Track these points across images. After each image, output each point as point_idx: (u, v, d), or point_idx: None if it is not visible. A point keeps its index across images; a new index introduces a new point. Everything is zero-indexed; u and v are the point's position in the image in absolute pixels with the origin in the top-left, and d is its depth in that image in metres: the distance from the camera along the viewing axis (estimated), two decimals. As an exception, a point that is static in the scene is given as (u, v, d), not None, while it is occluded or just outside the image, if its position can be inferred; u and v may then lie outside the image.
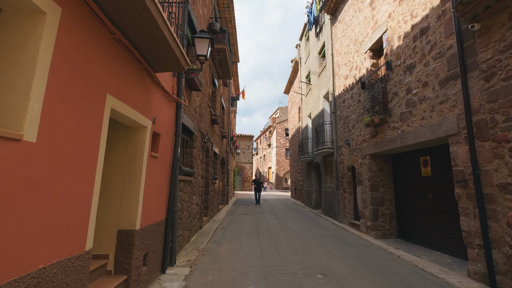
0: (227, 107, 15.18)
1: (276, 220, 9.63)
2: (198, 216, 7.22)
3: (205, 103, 8.21)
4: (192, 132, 6.37)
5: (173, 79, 4.46)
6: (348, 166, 8.38)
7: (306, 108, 14.43)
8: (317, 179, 12.89)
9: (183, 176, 5.53)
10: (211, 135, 9.51)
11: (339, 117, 9.18)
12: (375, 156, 6.91)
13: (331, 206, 9.84)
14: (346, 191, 8.50)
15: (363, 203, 7.24)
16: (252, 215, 10.88)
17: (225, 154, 13.86)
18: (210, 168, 9.09)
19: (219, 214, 10.68)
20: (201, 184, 7.61)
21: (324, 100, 11.02)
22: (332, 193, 9.73)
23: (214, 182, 10.05)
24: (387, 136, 6.12)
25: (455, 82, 4.21)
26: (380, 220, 6.66)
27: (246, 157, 28.23)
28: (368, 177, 6.94)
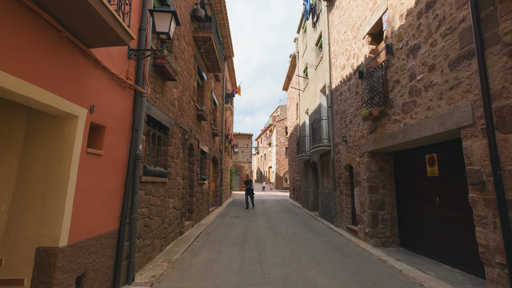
0: (221, 104, 14.47)
1: (268, 224, 8.89)
2: (177, 221, 6.51)
3: (188, 96, 7.50)
4: (167, 127, 5.66)
5: (128, 62, 3.74)
6: (346, 165, 7.60)
7: (304, 104, 13.65)
8: (315, 179, 12.12)
9: (152, 177, 4.82)
10: (198, 132, 8.81)
11: (336, 112, 8.41)
12: (374, 154, 6.13)
13: (328, 209, 9.07)
14: (344, 192, 7.73)
15: (361, 207, 6.47)
16: (244, 218, 10.16)
17: (217, 153, 13.15)
18: (196, 167, 8.38)
19: (208, 217, 9.97)
20: (182, 186, 6.91)
21: (321, 94, 10.25)
22: (329, 194, 8.97)
23: (201, 183, 9.34)
24: (387, 130, 5.35)
25: (469, 61, 3.43)
26: (380, 226, 5.88)
27: (245, 156, 27.49)
28: (366, 177, 6.17)
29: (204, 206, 9.85)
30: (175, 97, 6.25)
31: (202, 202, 9.52)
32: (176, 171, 6.34)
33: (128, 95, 3.74)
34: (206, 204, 10.32)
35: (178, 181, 6.56)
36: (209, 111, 10.75)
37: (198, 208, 8.81)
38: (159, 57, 4.91)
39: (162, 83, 5.37)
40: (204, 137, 9.78)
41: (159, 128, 5.53)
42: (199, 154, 8.84)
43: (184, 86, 7.08)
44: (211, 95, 11.11)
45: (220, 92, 14.29)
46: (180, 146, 6.70)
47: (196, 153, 8.39)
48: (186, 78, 7.29)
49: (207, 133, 10.51)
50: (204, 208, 9.87)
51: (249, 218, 10.13)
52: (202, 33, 7.95)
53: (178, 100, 6.50)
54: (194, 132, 8.17)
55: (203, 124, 9.63)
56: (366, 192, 6.15)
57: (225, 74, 15.25)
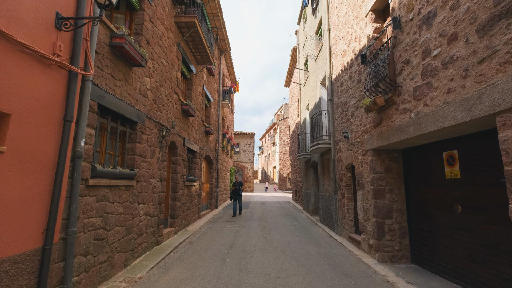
0: (217, 100, 13.65)
1: (262, 230, 8.00)
2: (152, 229, 5.70)
3: (169, 88, 6.69)
4: (134, 121, 4.85)
5: (58, 34, 2.92)
6: (347, 165, 6.66)
7: (304, 100, 12.71)
8: (315, 181, 11.17)
9: (108, 180, 4.01)
10: (184, 129, 7.99)
11: (337, 105, 7.46)
12: (379, 151, 5.18)
13: (329, 214, 8.13)
14: (345, 196, 6.79)
15: (364, 214, 5.53)
16: (237, 223, 9.30)
17: (212, 152, 12.33)
18: (180, 168, 7.57)
19: (198, 222, 9.14)
20: (160, 189, 6.09)
21: (321, 86, 9.31)
22: (330, 198, 8.02)
23: (189, 185, 8.53)
24: (395, 122, 4.40)
25: (509, 20, 2.48)
26: (387, 238, 4.93)
27: (247, 156, 26.64)
28: (370, 179, 5.23)
29: (193, 210, 9.03)
30: (147, 87, 5.44)
31: (190, 205, 8.70)
32: (149, 172, 5.53)
33: (57, 77, 2.92)
34: (197, 208, 9.50)
35: (153, 183, 5.75)
36: (200, 107, 9.94)
37: (184, 212, 8.00)
38: (116, 36, 4.09)
39: (126, 69, 4.56)
40: (193, 134, 8.97)
41: (123, 122, 4.72)
42: (185, 153, 8.02)
43: (163, 76, 6.26)
44: (202, 89, 10.30)
45: (216, 88, 13.47)
46: (156, 144, 5.89)
47: (180, 152, 7.58)
48: (166, 68, 6.48)
49: (198, 131, 9.69)
50: (193, 212, 9.05)
51: (243, 223, 9.27)
52: (185, 18, 7.13)
53: (152, 91, 5.69)
54: (178, 128, 7.36)
55: (192, 121, 8.81)
56: (370, 197, 5.21)
57: (221, 69, 14.43)
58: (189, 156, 8.92)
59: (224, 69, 16.31)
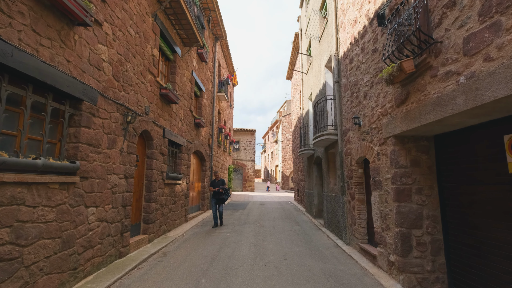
0: (211, 91, 12.45)
1: (255, 237, 6.78)
2: (112, 239, 4.51)
3: (140, 66, 5.51)
4: (79, 98, 3.66)
5: None
6: (358, 159, 5.39)
7: (307, 89, 11.44)
8: (319, 179, 9.90)
9: (22, 174, 2.83)
10: (164, 118, 6.81)
11: (345, 87, 6.19)
12: (403, 139, 3.92)
13: (335, 218, 6.86)
14: (356, 198, 5.52)
15: (382, 221, 4.27)
16: (228, 227, 8.08)
17: (204, 147, 11.14)
18: (158, 163, 6.38)
19: (183, 226, 7.95)
20: (125, 188, 4.91)
21: (325, 70, 8.03)
22: (336, 199, 6.76)
23: (173, 183, 7.34)
24: (430, 95, 3.14)
25: None
26: (415, 254, 3.67)
27: (247, 153, 25.39)
28: (391, 176, 3.97)
29: (178, 213, 7.85)
30: (103, 58, 4.25)
31: (174, 207, 7.52)
32: (106, 167, 4.35)
33: None
34: (183, 210, 8.32)
35: (114, 181, 4.56)
36: (188, 95, 8.74)
37: (164, 216, 6.81)
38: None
39: (62, 27, 3.37)
40: (177, 125, 7.78)
41: (59, 97, 3.53)
42: (165, 146, 6.83)
43: (130, 49, 5.08)
44: (191, 76, 9.10)
45: (210, 77, 12.27)
46: (118, 132, 4.70)
47: (158, 144, 6.39)
48: (136, 40, 5.29)
49: (185, 122, 8.50)
50: (178, 214, 7.87)
51: (235, 227, 8.05)
52: (162, -18, 5.93)
53: (113, 64, 4.51)
54: (154, 116, 6.17)
55: (176, 110, 7.62)
56: (392, 199, 3.94)
57: (216, 58, 13.23)
58: (172, 150, 7.73)
59: (220, 59, 15.11)
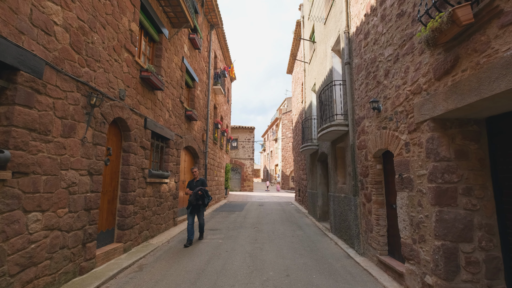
0: (205, 82, 11.50)
1: (252, 244, 5.82)
2: (70, 251, 3.56)
3: (113, 41, 4.56)
4: (12, 67, 2.71)
5: None
6: (377, 152, 4.44)
7: (310, 80, 10.48)
8: (324, 178, 8.94)
9: None
10: (146, 106, 5.86)
11: (358, 68, 5.24)
12: (445, 122, 2.97)
13: (345, 223, 5.91)
14: (373, 199, 4.57)
15: (413, 230, 3.32)
16: (222, 232, 7.13)
17: (198, 143, 10.18)
18: (138, 158, 5.43)
19: (171, 231, 7.00)
20: (89, 186, 3.96)
21: (332, 54, 7.08)
22: (346, 201, 5.80)
23: (158, 182, 6.39)
24: (498, 55, 2.19)
25: None
26: (464, 276, 2.72)
27: (246, 152, 24.40)
28: (429, 171, 3.02)
29: (164, 216, 6.89)
30: (55, 20, 3.30)
31: (159, 210, 6.57)
32: (59, 160, 3.40)
33: None
34: (171, 212, 7.36)
35: (71, 178, 3.61)
36: (177, 84, 7.79)
37: (146, 220, 5.86)
38: None
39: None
40: (163, 116, 6.82)
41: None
42: (147, 138, 5.88)
43: (97, 17, 4.12)
44: (181, 62, 8.14)
45: (204, 67, 11.31)
46: (78, 116, 3.75)
47: (138, 136, 5.43)
48: (105, 7, 4.34)
49: (173, 113, 7.55)
50: (164, 218, 6.92)
51: (229, 232, 7.10)
52: None
53: (70, 31, 3.56)
54: (132, 102, 5.22)
55: (162, 98, 6.66)
56: (429, 202, 2.99)
57: (212, 47, 12.28)
58: (157, 144, 6.77)
59: (216, 50, 14.17)
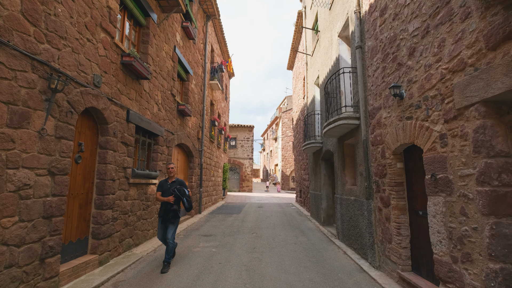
0: (201, 76, 10.79)
1: (250, 254, 5.12)
2: (23, 269, 2.85)
3: (86, 16, 3.85)
4: None
5: None
6: (398, 148, 3.74)
7: (312, 73, 9.78)
8: (329, 178, 8.24)
9: None
10: (130, 97, 5.15)
11: (372, 51, 4.53)
12: (501, 106, 2.26)
13: (355, 229, 5.21)
14: (392, 204, 3.86)
15: (453, 245, 2.61)
16: (217, 238, 6.42)
17: (193, 141, 9.47)
18: (119, 156, 4.72)
19: (159, 237, 6.28)
20: (50, 189, 3.25)
21: (339, 41, 6.38)
22: (357, 204, 5.10)
23: (143, 184, 5.68)
24: None
25: None
26: (532, 312, 2.02)
27: (245, 151, 23.68)
28: (480, 170, 2.31)
29: (152, 221, 6.18)
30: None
31: (145, 214, 5.86)
32: (4, 157, 2.69)
33: None
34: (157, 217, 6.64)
35: (22, 178, 2.90)
36: (168, 75, 7.08)
37: (129, 226, 5.16)
38: None
39: None
40: (151, 110, 6.11)
41: None
42: (131, 133, 5.17)
43: (61, -17, 3.41)
44: (173, 52, 7.44)
45: (200, 60, 10.60)
46: (34, 102, 3.04)
47: (117, 130, 4.72)
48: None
49: (163, 107, 6.84)
50: (153, 223, 6.21)
51: (225, 238, 6.39)
52: None
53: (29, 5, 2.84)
54: (111, 91, 4.51)
55: (149, 89, 5.96)
56: (480, 211, 2.29)
57: (208, 39, 11.57)
58: (144, 140, 6.06)
59: (213, 43, 13.47)
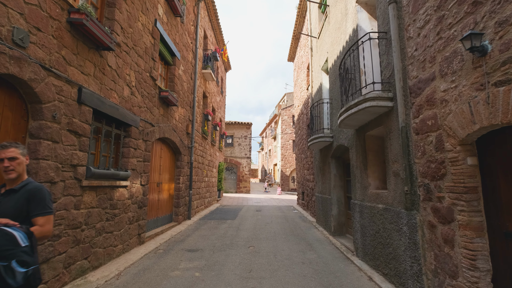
0: (191, 63, 9.48)
1: (245, 282, 3.82)
2: None
3: None
4: None
5: None
6: (469, 136, 2.45)
7: (319, 57, 8.50)
8: (340, 179, 6.94)
9: None
10: (87, 73, 3.84)
11: (417, 1, 3.23)
12: None
13: (386, 249, 3.92)
14: (458, 219, 2.57)
15: None
16: (205, 255, 5.11)
17: (181, 136, 8.15)
18: (64, 150, 3.41)
19: (133, 254, 4.97)
20: None
21: (358, 8, 5.09)
22: (390, 215, 3.81)
23: (110, 186, 4.37)
24: None
25: None
26: None
27: (242, 150, 22.39)
28: None
29: (122, 233, 4.87)
30: None
31: (112, 225, 4.55)
32: None
33: None
34: (133, 227, 5.33)
35: None
36: (146, 52, 5.77)
37: (83, 244, 3.84)
38: None
39: None
40: (120, 92, 4.80)
41: None
42: (86, 119, 3.85)
43: None
44: (153, 26, 6.12)
45: (190, 44, 9.29)
46: None
47: (58, 112, 3.40)
48: None
49: (138, 91, 5.53)
50: (122, 236, 4.89)
51: (215, 255, 5.08)
52: None
53: None
54: (48, 58, 3.19)
55: (116, 65, 4.64)
56: None
57: (199, 22, 10.27)
58: (108, 130, 4.74)
59: (207, 30, 12.17)
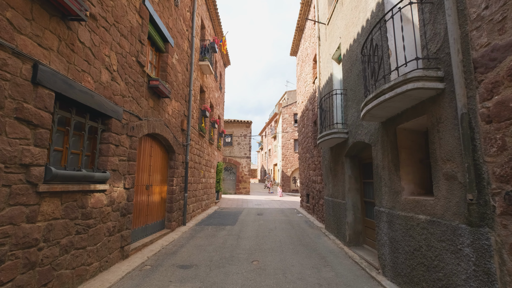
0: (187, 52, 8.62)
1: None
2: None
3: None
4: None
5: None
6: None
7: (330, 45, 7.65)
8: (356, 181, 6.08)
9: None
10: (50, 48, 2.96)
11: None
12: None
13: (433, 273, 3.08)
14: None
15: None
16: (199, 274, 4.25)
17: (174, 132, 7.29)
18: (10, 145, 2.54)
19: (113, 272, 4.10)
20: None
21: (383, -23, 4.24)
22: (440, 231, 2.97)
23: (82, 191, 3.51)
24: None
25: None
26: None
27: (241, 149, 21.54)
28: None
29: (98, 248, 4.00)
30: None
31: (85, 240, 3.69)
32: None
33: None
34: (114, 239, 4.46)
35: None
36: (130, 33, 4.91)
37: (41, 267, 2.97)
38: None
39: None
40: (96, 76, 3.94)
41: None
42: (44, 105, 2.99)
43: None
44: (140, 3, 5.27)
45: (185, 32, 8.43)
46: None
47: (3, 95, 2.54)
48: None
49: (121, 77, 4.66)
50: (100, 252, 4.03)
51: (211, 274, 4.22)
52: None
53: None
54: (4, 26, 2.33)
55: (90, 41, 3.78)
56: None
57: (196, 10, 9.41)
58: (80, 122, 3.87)
59: (205, 19, 11.32)
